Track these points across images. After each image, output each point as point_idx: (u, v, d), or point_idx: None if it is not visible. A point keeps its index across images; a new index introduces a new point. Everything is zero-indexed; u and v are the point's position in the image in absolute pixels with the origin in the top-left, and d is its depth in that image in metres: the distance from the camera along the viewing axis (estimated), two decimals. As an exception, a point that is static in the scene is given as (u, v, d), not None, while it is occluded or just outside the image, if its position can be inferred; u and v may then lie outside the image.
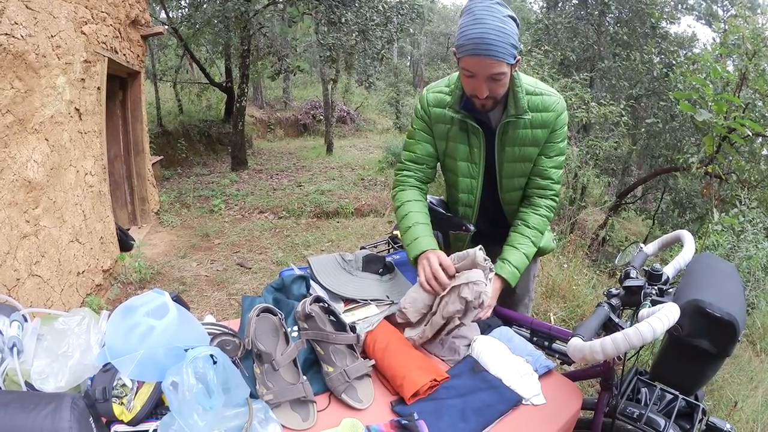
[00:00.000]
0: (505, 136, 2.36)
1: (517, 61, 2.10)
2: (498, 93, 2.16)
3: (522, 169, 2.43)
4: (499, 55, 2.01)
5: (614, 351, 1.48)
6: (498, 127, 2.35)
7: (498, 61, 2.02)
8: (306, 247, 8.33)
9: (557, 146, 2.40)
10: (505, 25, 2.01)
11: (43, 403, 1.29)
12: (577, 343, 1.57)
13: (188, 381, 1.39)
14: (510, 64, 2.08)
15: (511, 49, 2.03)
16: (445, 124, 2.44)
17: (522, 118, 2.28)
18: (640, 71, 10.59)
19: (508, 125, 2.32)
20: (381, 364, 1.89)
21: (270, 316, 1.93)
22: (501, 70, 2.05)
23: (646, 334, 1.45)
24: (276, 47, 14.38)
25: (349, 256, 2.58)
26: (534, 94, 2.31)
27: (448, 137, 2.46)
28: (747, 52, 7.20)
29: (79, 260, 5.27)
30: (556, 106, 2.32)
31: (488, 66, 2.04)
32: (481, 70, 2.06)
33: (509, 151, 2.38)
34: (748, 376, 5.03)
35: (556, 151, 2.41)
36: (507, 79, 2.13)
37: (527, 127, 2.31)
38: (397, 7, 14.41)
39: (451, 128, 2.43)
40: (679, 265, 2.17)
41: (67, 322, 1.60)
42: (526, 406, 1.80)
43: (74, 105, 5.32)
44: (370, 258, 2.57)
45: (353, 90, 27.87)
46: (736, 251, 6.69)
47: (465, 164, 2.49)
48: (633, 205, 13.33)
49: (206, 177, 13.54)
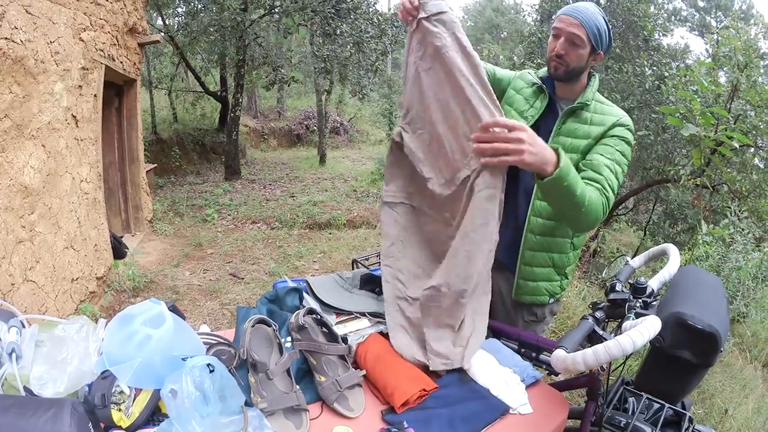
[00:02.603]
0: (563, 125, 2.45)
1: (597, 53, 2.35)
2: (571, 58, 2.35)
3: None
4: (584, 21, 2.28)
5: (595, 362, 1.51)
6: (562, 112, 2.46)
7: (581, 25, 2.29)
8: (298, 258, 8.35)
9: (612, 149, 2.31)
10: (597, 14, 2.32)
11: (43, 408, 1.31)
12: (560, 355, 1.61)
13: (187, 389, 1.42)
14: (591, 43, 2.32)
15: (594, 30, 2.30)
16: (524, 82, 2.67)
17: (585, 110, 2.41)
18: (632, 83, 10.61)
19: (572, 112, 2.43)
20: (372, 374, 1.93)
21: (264, 327, 1.95)
22: (581, 34, 2.29)
23: (626, 346, 1.48)
24: (271, 57, 14.38)
25: (346, 274, 2.64)
26: (602, 103, 2.48)
27: (520, 91, 2.65)
28: (738, 64, 7.26)
29: (74, 267, 5.28)
30: (620, 116, 2.39)
31: (571, 24, 2.30)
32: (565, 27, 2.32)
33: (561, 141, 2.42)
34: (740, 384, 5.07)
35: (609, 154, 2.30)
36: (583, 52, 2.34)
37: (586, 122, 2.40)
38: (392, 19, 14.44)
39: (526, 88, 2.63)
40: (664, 278, 2.20)
41: (66, 329, 1.62)
42: (513, 416, 1.83)
43: (71, 112, 5.33)
44: (367, 278, 2.62)
45: (347, 101, 27.88)
46: (726, 262, 6.74)
47: (516, 115, 2.58)
48: (624, 217, 13.36)
49: (200, 186, 13.54)
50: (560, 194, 2.00)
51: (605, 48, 2.37)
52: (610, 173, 2.24)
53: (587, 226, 2.25)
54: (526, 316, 2.72)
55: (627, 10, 11.18)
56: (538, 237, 2.53)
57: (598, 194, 2.13)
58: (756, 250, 6.94)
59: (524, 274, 2.63)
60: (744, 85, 7.16)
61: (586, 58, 2.36)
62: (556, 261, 2.59)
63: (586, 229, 2.35)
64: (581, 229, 2.43)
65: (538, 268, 2.61)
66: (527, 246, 2.57)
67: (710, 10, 33.87)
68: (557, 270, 2.62)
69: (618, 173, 2.28)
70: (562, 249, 2.57)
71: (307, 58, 17.89)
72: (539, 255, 2.58)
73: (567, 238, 2.55)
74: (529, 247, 2.57)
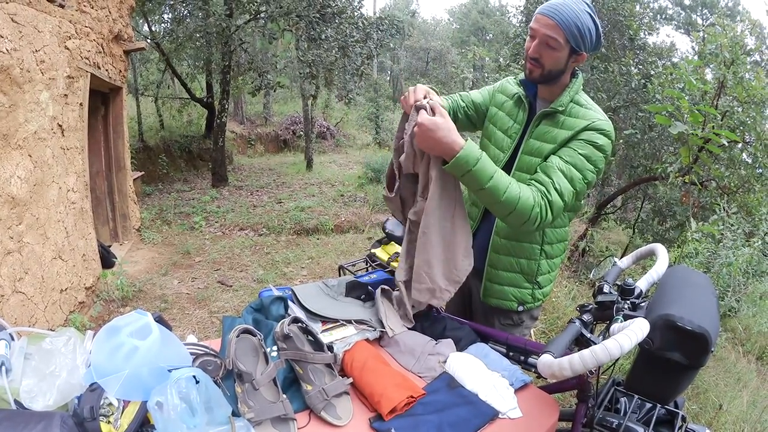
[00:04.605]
0: (535, 128, 2.43)
1: (579, 54, 2.27)
2: (545, 61, 2.28)
3: (532, 165, 2.38)
4: (561, 22, 2.17)
5: (582, 368, 1.50)
6: (535, 116, 2.44)
7: (557, 26, 2.18)
8: (286, 264, 8.35)
9: (573, 152, 2.26)
10: (579, 12, 2.19)
11: (34, 421, 1.33)
12: (546, 360, 1.59)
13: (172, 401, 1.42)
14: (569, 44, 2.22)
15: (574, 30, 2.19)
16: (505, 95, 2.64)
17: (557, 113, 2.36)
18: (618, 83, 10.62)
19: (545, 116, 2.40)
20: (359, 381, 1.92)
21: (250, 337, 1.95)
22: (556, 36, 2.20)
23: (613, 351, 1.47)
24: (257, 63, 14.39)
25: (332, 281, 2.63)
26: (581, 105, 2.37)
27: (501, 107, 2.62)
28: (725, 61, 7.28)
29: (62, 277, 5.26)
30: (594, 120, 2.29)
31: (546, 25, 2.20)
32: (539, 28, 2.23)
33: (530, 144, 2.42)
34: (734, 378, 5.10)
35: (569, 157, 2.26)
36: (560, 54, 2.26)
37: (557, 126, 2.35)
38: (377, 23, 14.50)
39: (508, 101, 2.60)
40: (652, 278, 2.20)
41: (53, 342, 1.61)
42: (502, 420, 1.83)
43: (57, 121, 5.32)
44: (353, 285, 2.63)
45: (333, 105, 27.98)
46: (716, 258, 6.76)
47: (500, 134, 2.58)
48: (613, 215, 13.38)
49: (187, 193, 13.53)
50: (467, 182, 2.13)
51: (590, 48, 2.28)
52: (561, 177, 2.22)
53: (516, 222, 2.21)
54: (502, 320, 2.73)
55: (612, 10, 11.19)
56: (504, 240, 2.57)
57: (536, 195, 2.16)
58: (746, 245, 6.94)
59: (490, 276, 2.66)
60: (731, 81, 7.18)
61: (565, 61, 2.28)
62: (524, 267, 2.59)
63: (518, 227, 2.27)
64: (513, 226, 2.34)
65: (503, 271, 2.63)
66: (494, 248, 2.61)
67: (696, 7, 34.09)
68: (526, 276, 2.61)
69: (575, 178, 2.24)
70: (530, 255, 2.57)
71: (293, 63, 17.86)
72: (505, 258, 2.60)
73: (535, 244, 2.55)
74: (496, 250, 2.61)
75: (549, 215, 2.19)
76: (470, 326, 2.47)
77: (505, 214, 2.18)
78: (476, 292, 2.76)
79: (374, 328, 2.30)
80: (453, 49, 39.64)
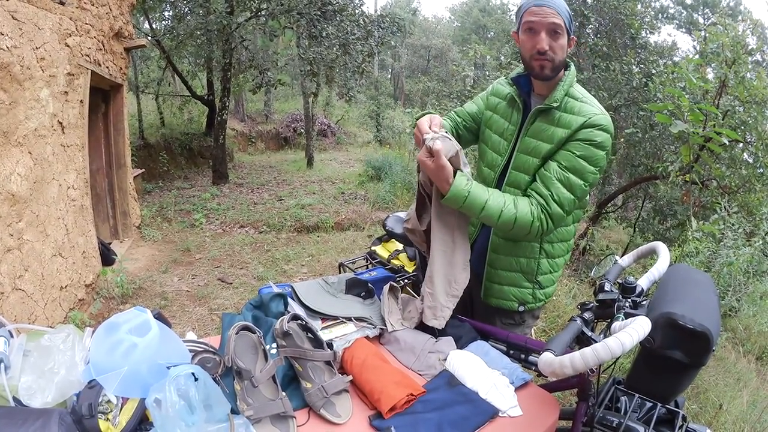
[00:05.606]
0: (531, 126, 2.40)
1: (571, 38, 2.28)
2: (557, 52, 2.24)
3: (529, 164, 2.37)
4: (558, 8, 2.18)
5: (583, 366, 1.49)
6: (530, 114, 2.41)
7: (556, 13, 2.18)
8: (287, 262, 8.33)
9: (571, 156, 2.24)
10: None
11: (32, 418, 1.32)
12: (547, 358, 1.58)
13: (171, 398, 1.42)
14: (566, 29, 2.22)
15: (567, 14, 2.22)
16: (498, 98, 2.60)
17: (552, 109, 2.32)
18: (619, 81, 10.60)
19: (540, 113, 2.37)
20: (358, 379, 1.92)
21: (249, 334, 1.95)
22: (559, 22, 2.19)
23: (614, 349, 1.46)
24: (257, 60, 14.34)
25: (332, 278, 2.63)
26: (576, 99, 2.33)
27: (495, 109, 2.60)
28: (726, 60, 7.26)
29: (62, 274, 5.25)
30: (591, 116, 2.24)
31: (548, 14, 2.18)
32: (542, 19, 2.19)
33: (526, 142, 2.40)
34: (734, 378, 5.08)
35: (567, 161, 2.24)
36: (564, 42, 2.25)
37: (553, 123, 2.31)
38: (378, 20, 14.46)
39: (501, 103, 2.57)
40: (653, 276, 2.20)
41: (52, 339, 1.61)
42: (502, 418, 1.82)
43: (57, 118, 5.30)
44: (353, 282, 2.62)
45: (334, 103, 27.86)
46: (717, 257, 6.74)
47: (497, 138, 2.56)
48: (614, 214, 13.36)
49: (187, 191, 13.49)
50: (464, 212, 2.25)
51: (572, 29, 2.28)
52: (560, 187, 2.24)
53: (518, 235, 2.34)
54: (503, 320, 2.72)
55: (614, 8, 11.18)
56: (502, 239, 2.56)
57: (534, 209, 2.23)
58: (746, 245, 6.92)
59: (490, 276, 2.65)
60: (732, 81, 7.16)
61: (566, 47, 2.27)
62: (523, 266, 2.57)
63: (521, 238, 2.40)
64: (516, 238, 2.45)
65: (503, 271, 2.62)
66: (493, 248, 2.60)
67: (697, 7, 34.02)
68: (525, 276, 2.60)
69: (575, 186, 2.24)
70: (530, 253, 2.55)
71: (294, 61, 17.83)
72: (504, 258, 2.59)
73: (534, 243, 2.53)
74: (494, 249, 2.60)
75: (550, 226, 2.26)
76: (470, 324, 2.46)
77: (506, 231, 2.33)
78: (477, 293, 2.75)
79: (374, 326, 2.30)
80: (454, 47, 39.65)
